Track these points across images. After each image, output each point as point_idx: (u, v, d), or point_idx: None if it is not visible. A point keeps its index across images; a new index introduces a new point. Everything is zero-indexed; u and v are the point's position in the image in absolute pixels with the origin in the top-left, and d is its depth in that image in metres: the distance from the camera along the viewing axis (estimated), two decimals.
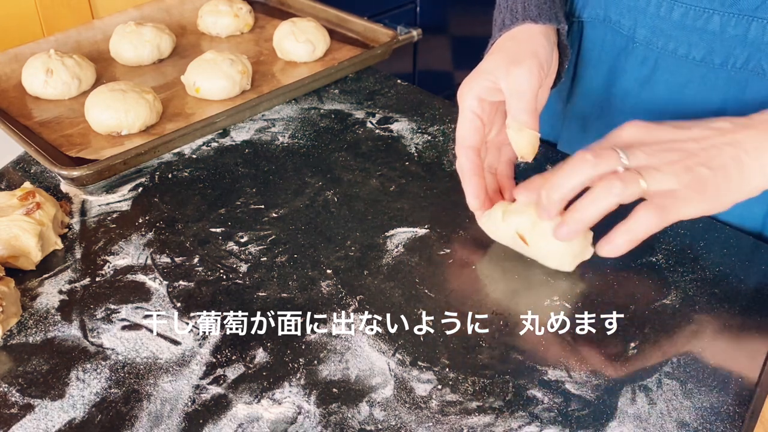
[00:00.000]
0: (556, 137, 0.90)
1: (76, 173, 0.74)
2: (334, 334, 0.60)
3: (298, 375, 0.56)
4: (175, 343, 0.59)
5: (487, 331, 0.60)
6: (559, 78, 0.73)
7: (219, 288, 0.64)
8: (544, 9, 0.69)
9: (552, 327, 0.60)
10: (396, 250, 0.68)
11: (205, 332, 0.60)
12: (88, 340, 0.59)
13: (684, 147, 0.57)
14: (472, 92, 0.66)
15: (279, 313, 0.62)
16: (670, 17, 0.71)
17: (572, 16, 0.81)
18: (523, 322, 0.61)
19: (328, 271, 0.66)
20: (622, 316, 0.61)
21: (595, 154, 0.56)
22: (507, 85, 0.64)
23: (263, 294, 0.64)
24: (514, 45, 0.67)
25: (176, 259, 0.67)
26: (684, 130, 0.58)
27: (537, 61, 0.65)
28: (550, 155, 0.80)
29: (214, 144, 0.84)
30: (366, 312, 0.62)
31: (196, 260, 0.67)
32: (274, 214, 0.73)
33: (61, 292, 0.64)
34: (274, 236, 0.70)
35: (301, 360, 0.58)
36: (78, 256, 0.68)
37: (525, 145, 0.65)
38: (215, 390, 0.55)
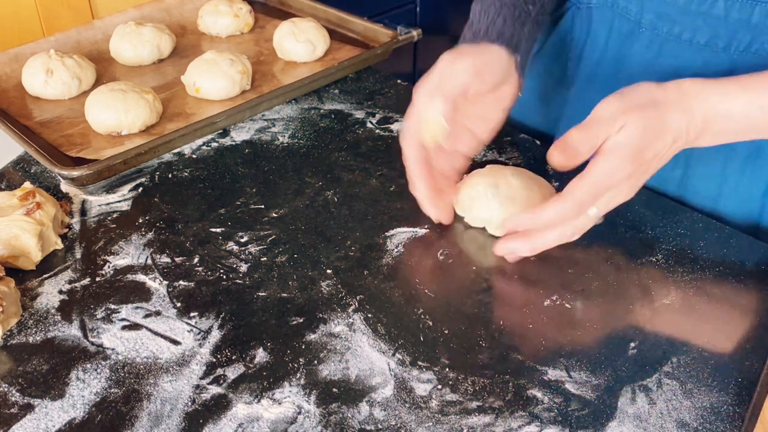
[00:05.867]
0: (552, 129, 0.90)
1: (76, 173, 0.74)
2: (334, 334, 0.60)
3: (298, 375, 0.56)
4: (175, 343, 0.59)
5: (487, 331, 0.60)
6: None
7: (219, 288, 0.64)
8: (504, 35, 0.71)
9: (552, 327, 0.60)
10: (396, 250, 0.68)
11: (205, 332, 0.60)
12: (88, 340, 0.59)
13: (648, 171, 0.62)
14: (471, 67, 0.68)
15: (279, 313, 0.62)
16: (676, 2, 0.72)
17: (578, 1, 0.82)
18: (524, 321, 0.61)
19: (328, 271, 0.66)
20: (622, 316, 0.61)
21: (576, 217, 0.62)
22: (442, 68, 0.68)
23: (263, 294, 0.64)
24: (487, 59, 0.70)
25: (176, 259, 0.67)
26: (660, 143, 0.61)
27: (474, 61, 0.68)
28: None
29: (214, 144, 0.84)
30: (366, 312, 0.62)
31: (196, 260, 0.67)
32: (274, 214, 0.73)
33: (61, 292, 0.64)
34: (274, 236, 0.70)
35: (301, 360, 0.58)
36: (78, 256, 0.68)
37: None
38: (215, 390, 0.55)
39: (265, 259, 0.67)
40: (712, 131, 0.62)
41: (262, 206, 0.74)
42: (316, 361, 0.57)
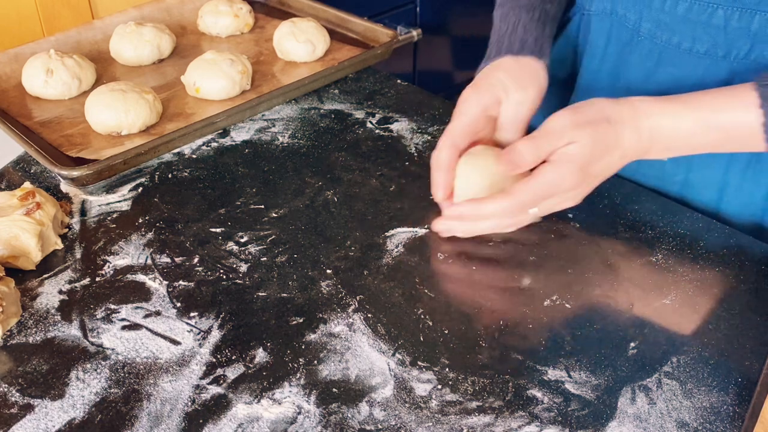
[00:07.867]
0: None
1: (76, 173, 0.74)
2: (334, 334, 0.60)
3: (298, 375, 0.56)
4: (175, 343, 0.59)
5: (487, 331, 0.60)
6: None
7: (219, 288, 0.64)
8: (527, 44, 0.75)
9: (552, 327, 0.60)
10: (396, 250, 0.68)
11: (205, 332, 0.60)
12: (88, 340, 0.59)
13: (594, 182, 0.66)
14: (480, 101, 0.70)
15: (279, 313, 0.62)
16: (675, 11, 0.72)
17: (582, 8, 0.82)
18: (524, 321, 0.61)
19: (328, 271, 0.66)
20: (622, 316, 0.61)
21: (516, 215, 0.68)
22: (507, 107, 0.71)
23: (263, 294, 0.64)
24: (518, 67, 0.72)
25: (176, 259, 0.67)
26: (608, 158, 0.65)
27: (538, 88, 0.72)
28: None
29: (214, 144, 0.84)
30: (366, 312, 0.62)
31: (196, 260, 0.67)
32: (274, 214, 0.73)
33: (61, 292, 0.64)
34: (274, 236, 0.70)
35: (301, 360, 0.58)
36: (78, 256, 0.68)
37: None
38: (215, 390, 0.55)
39: (265, 259, 0.67)
40: (658, 147, 0.65)
41: (262, 206, 0.74)
42: (316, 361, 0.57)
